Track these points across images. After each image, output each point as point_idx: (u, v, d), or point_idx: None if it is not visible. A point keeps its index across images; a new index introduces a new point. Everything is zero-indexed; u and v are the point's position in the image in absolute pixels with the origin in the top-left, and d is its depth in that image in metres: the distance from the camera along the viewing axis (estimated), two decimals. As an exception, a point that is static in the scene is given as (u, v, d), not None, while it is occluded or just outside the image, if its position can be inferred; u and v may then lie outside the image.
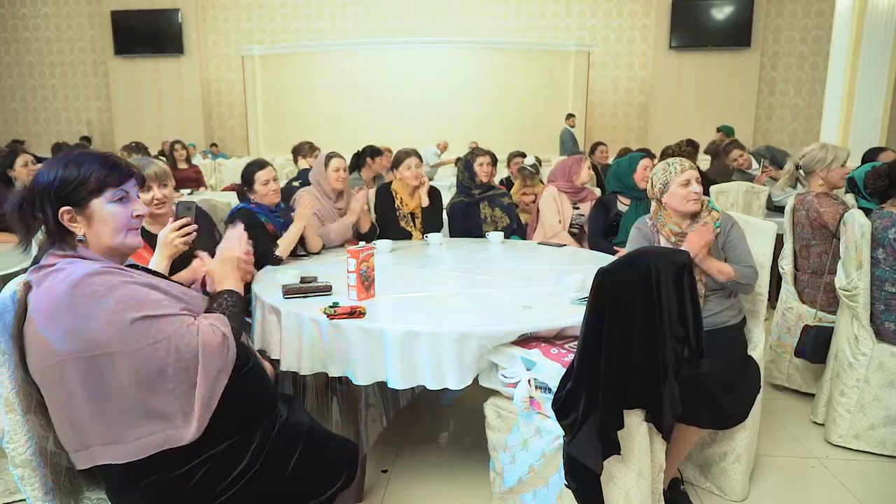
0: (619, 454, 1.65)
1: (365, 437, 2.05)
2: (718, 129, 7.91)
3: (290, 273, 2.33)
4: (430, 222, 3.37)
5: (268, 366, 1.76)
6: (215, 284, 1.49)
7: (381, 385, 1.94)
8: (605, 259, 2.77)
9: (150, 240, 1.96)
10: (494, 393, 1.93)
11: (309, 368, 2.00)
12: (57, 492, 1.32)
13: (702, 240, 2.12)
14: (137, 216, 1.37)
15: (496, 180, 3.99)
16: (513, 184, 4.59)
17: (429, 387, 1.86)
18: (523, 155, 5.08)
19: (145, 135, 9.92)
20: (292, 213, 2.87)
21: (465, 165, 3.55)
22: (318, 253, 2.93)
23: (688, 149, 4.63)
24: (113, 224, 1.33)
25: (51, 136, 10.72)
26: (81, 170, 1.29)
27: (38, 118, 11.82)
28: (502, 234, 3.26)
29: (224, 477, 1.32)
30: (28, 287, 1.28)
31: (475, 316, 2.01)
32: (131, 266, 1.42)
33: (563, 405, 1.66)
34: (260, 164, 2.78)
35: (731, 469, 2.16)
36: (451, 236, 3.51)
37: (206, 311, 1.39)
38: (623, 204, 3.31)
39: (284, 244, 2.74)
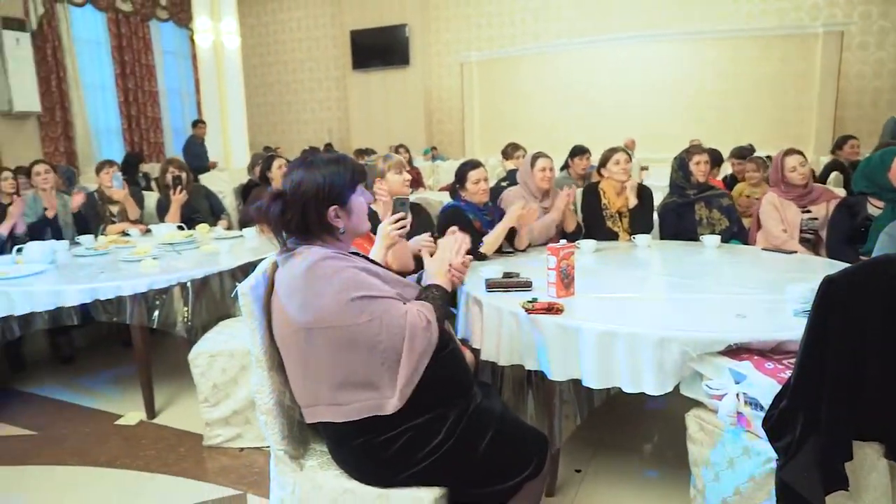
0: (847, 490, 1.44)
1: (558, 433, 2.06)
2: None
3: (494, 268, 2.43)
4: (639, 223, 3.24)
5: (469, 353, 1.87)
6: (428, 278, 1.63)
7: (577, 382, 1.94)
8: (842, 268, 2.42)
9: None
10: (697, 403, 1.81)
11: (507, 360, 2.07)
12: (290, 439, 1.55)
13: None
14: (369, 203, 1.58)
15: (720, 179, 3.70)
16: (735, 183, 4.21)
17: (625, 389, 1.81)
18: (747, 154, 4.62)
19: (375, 140, 10.99)
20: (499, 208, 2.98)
21: (679, 164, 3.34)
22: (523, 250, 3.01)
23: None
24: (362, 214, 1.55)
25: (301, 144, 12.37)
26: (342, 172, 1.49)
27: (290, 128, 13.75)
28: (719, 237, 3.01)
29: (422, 447, 1.44)
30: (275, 266, 1.53)
31: (679, 320, 1.90)
32: (354, 254, 1.62)
33: (777, 425, 1.49)
34: (473, 164, 2.93)
35: None
36: (661, 238, 3.34)
37: (416, 299, 1.53)
38: (875, 207, 2.85)
39: (490, 241, 2.85)
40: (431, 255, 1.71)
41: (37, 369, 3.62)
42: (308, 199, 1.45)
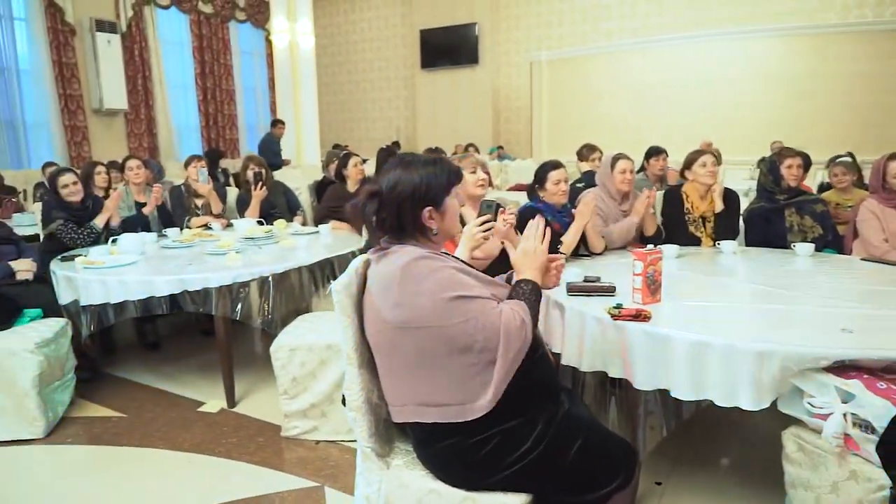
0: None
1: (642, 443, 2.00)
2: None
3: (574, 271, 2.38)
4: (724, 228, 3.10)
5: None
6: (517, 273, 1.59)
7: (664, 393, 1.87)
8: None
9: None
10: (796, 421, 1.71)
11: (589, 366, 2.03)
12: (377, 437, 1.56)
13: None
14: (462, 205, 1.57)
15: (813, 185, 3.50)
16: (830, 188, 3.98)
17: (718, 403, 1.73)
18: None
19: (442, 139, 11.02)
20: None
21: (769, 167, 3.18)
22: (600, 254, 2.94)
23: None
24: (456, 216, 1.55)
25: (368, 142, 12.59)
26: (438, 174, 1.49)
27: (359, 126, 13.99)
28: (812, 245, 2.85)
29: (511, 452, 1.42)
30: (367, 264, 1.54)
31: (776, 333, 1.80)
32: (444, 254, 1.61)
33: (894, 451, 1.39)
34: (554, 165, 2.89)
35: None
36: (746, 245, 3.20)
37: (507, 298, 1.50)
38: None
39: (567, 242, 2.80)
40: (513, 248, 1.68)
41: (125, 354, 3.81)
42: (404, 200, 1.45)
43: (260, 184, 4.06)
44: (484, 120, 12.20)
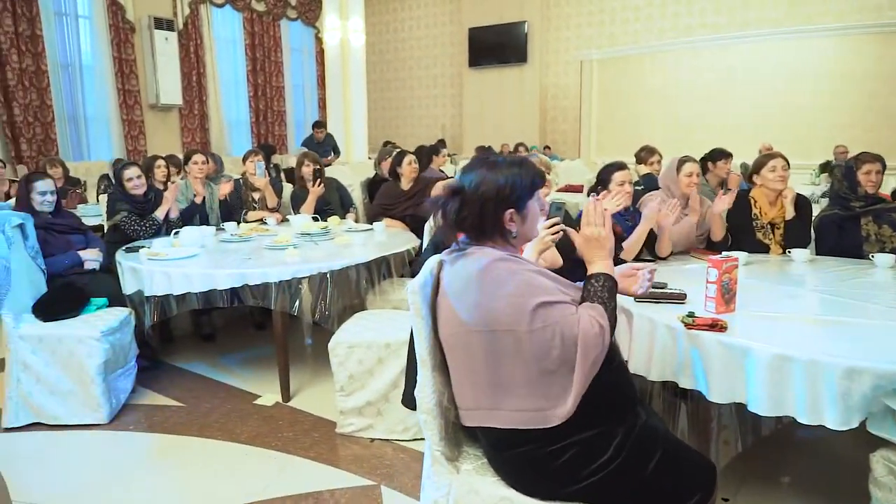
0: None
1: (715, 458, 1.92)
2: None
3: (640, 276, 2.31)
4: (796, 236, 2.97)
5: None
6: (589, 267, 1.52)
7: (740, 407, 1.79)
8: None
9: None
10: (887, 443, 1.61)
11: (658, 375, 1.96)
12: (447, 440, 1.54)
13: None
14: (542, 210, 1.53)
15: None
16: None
17: (800, 420, 1.65)
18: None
19: (488, 138, 10.98)
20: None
21: (844, 173, 3.03)
22: (664, 258, 2.85)
23: None
24: (536, 220, 1.51)
25: (413, 139, 12.58)
26: (523, 175, 1.45)
27: (404, 123, 14.04)
28: (893, 256, 2.70)
29: (589, 463, 1.38)
30: (440, 265, 1.52)
31: (864, 349, 1.70)
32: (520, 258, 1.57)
33: None
34: (619, 166, 2.82)
35: None
36: (816, 253, 3.06)
37: (581, 298, 1.45)
38: None
39: (631, 245, 2.73)
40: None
41: (182, 345, 3.89)
42: (487, 200, 1.42)
43: (318, 181, 4.09)
44: (531, 119, 12.09)
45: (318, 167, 4.13)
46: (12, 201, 3.36)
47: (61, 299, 2.90)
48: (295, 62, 12.90)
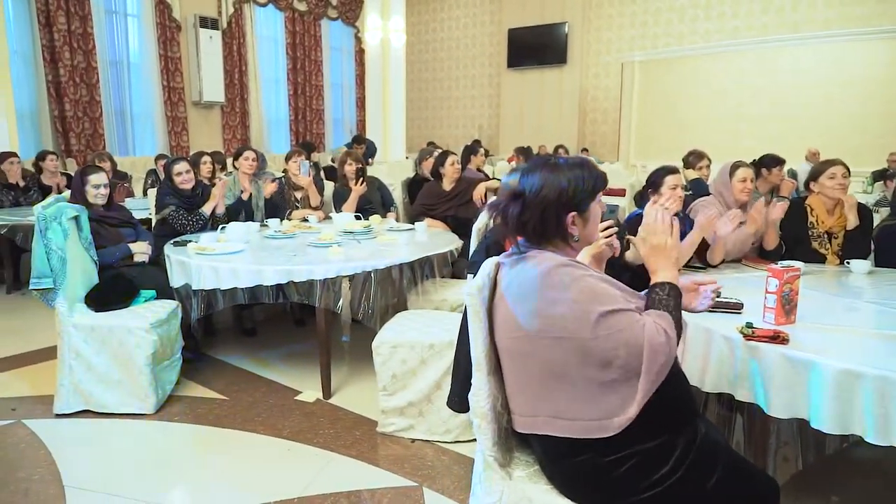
0: None
1: (773, 476, 1.85)
2: None
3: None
4: (856, 247, 2.86)
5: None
6: (652, 275, 1.48)
7: (802, 423, 1.73)
8: None
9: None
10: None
11: (713, 386, 1.91)
12: (500, 446, 1.51)
13: None
14: (602, 212, 1.50)
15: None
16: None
17: (868, 440, 1.58)
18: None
19: (526, 139, 10.91)
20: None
21: (908, 181, 2.92)
22: (715, 266, 2.78)
23: None
24: (597, 223, 1.48)
25: (449, 140, 12.62)
26: (585, 178, 1.42)
27: (441, 123, 14.07)
28: (961, 270, 2.58)
29: (649, 475, 1.33)
30: (498, 268, 1.49)
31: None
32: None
33: None
34: (670, 170, 2.76)
35: None
36: (875, 265, 2.94)
37: (646, 307, 1.41)
38: None
39: (683, 253, 2.66)
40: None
41: (224, 338, 3.95)
42: (549, 203, 1.39)
43: (360, 179, 4.11)
44: (569, 121, 11.99)
45: (361, 166, 4.15)
46: (66, 193, 3.44)
47: (112, 290, 2.97)
48: (334, 61, 13.01)
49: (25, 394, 3.11)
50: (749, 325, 1.85)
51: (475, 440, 1.53)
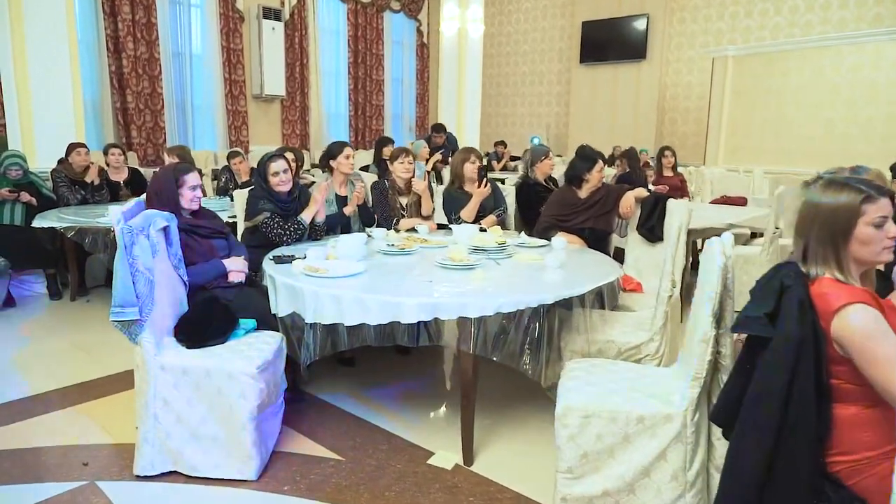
0: None
1: None
2: None
3: None
4: None
5: None
6: None
7: None
8: None
9: None
10: None
11: None
12: None
13: None
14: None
15: None
16: None
17: None
18: None
19: (596, 139, 10.06)
20: None
21: None
22: None
23: None
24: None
25: (515, 138, 11.89)
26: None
27: (507, 121, 13.34)
28: None
29: None
30: None
31: None
32: None
33: None
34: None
35: None
36: None
37: None
38: None
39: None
40: None
41: (318, 370, 3.31)
42: None
43: (484, 181, 3.45)
44: (646, 121, 11.13)
45: (483, 165, 3.48)
46: (142, 197, 2.85)
47: (209, 320, 2.37)
48: (395, 55, 12.44)
49: (99, 440, 2.56)
50: None
51: None
